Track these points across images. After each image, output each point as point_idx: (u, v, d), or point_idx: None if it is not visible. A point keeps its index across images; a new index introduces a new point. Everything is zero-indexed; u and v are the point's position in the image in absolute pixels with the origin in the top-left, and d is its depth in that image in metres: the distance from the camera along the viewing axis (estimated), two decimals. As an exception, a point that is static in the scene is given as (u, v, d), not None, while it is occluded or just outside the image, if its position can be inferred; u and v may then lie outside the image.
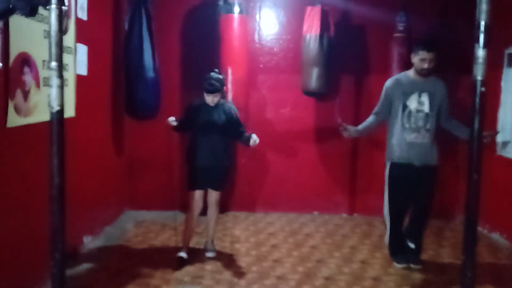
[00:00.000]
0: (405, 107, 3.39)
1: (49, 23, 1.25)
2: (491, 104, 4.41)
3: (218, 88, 3.44)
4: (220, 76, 3.51)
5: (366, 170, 4.89)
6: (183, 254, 3.51)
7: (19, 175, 2.67)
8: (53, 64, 1.25)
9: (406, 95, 3.39)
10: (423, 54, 3.33)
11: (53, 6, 1.23)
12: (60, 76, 1.26)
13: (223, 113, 3.52)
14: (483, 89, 1.33)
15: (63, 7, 1.25)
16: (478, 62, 1.34)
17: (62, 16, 1.25)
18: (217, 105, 3.51)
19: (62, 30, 1.25)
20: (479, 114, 1.34)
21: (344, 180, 4.96)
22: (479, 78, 1.34)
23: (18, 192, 2.65)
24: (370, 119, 3.59)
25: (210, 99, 3.46)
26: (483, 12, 1.34)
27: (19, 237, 2.67)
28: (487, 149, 4.34)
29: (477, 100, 1.34)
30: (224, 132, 3.52)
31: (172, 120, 3.50)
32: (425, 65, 3.34)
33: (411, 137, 3.37)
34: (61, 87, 1.26)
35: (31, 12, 1.43)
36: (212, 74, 3.48)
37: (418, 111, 3.37)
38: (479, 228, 4.57)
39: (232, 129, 3.56)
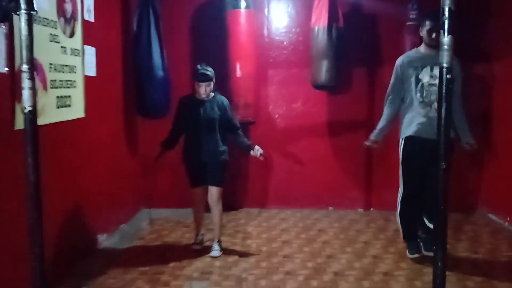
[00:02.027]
0: (417, 81, 3.32)
1: (19, 28, 1.29)
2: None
3: (210, 76, 3.42)
4: (209, 68, 3.48)
5: (382, 163, 4.78)
6: (197, 247, 3.65)
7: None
8: (24, 67, 1.29)
9: (418, 69, 3.33)
10: (429, 24, 3.26)
11: (23, 11, 1.27)
12: (32, 78, 1.29)
13: (216, 106, 3.49)
14: (449, 76, 1.28)
15: (33, 12, 1.27)
16: (443, 49, 1.28)
17: (32, 21, 1.28)
18: (209, 99, 3.49)
19: (32, 34, 1.28)
20: (446, 102, 1.29)
21: (359, 175, 4.88)
22: (445, 65, 1.29)
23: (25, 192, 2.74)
24: (386, 112, 3.51)
25: (203, 89, 3.43)
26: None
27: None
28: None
29: (444, 87, 1.28)
30: (219, 126, 3.49)
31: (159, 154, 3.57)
32: (433, 35, 3.25)
33: (424, 111, 3.31)
34: (33, 88, 1.29)
35: (3, 18, 1.47)
36: (201, 65, 3.47)
37: (430, 84, 3.29)
38: (500, 221, 4.40)
39: (226, 125, 3.53)
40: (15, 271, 2.50)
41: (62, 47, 3.19)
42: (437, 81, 3.27)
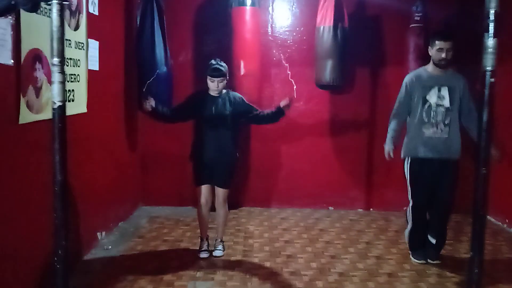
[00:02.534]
0: (425, 101, 3.32)
1: (50, 18, 1.23)
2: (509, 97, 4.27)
3: (223, 72, 3.36)
4: (223, 63, 3.41)
5: (383, 164, 4.75)
6: (204, 255, 3.52)
7: (31, 171, 2.69)
8: (55, 60, 1.24)
9: (426, 89, 3.32)
10: (440, 44, 3.24)
11: (55, 1, 1.21)
12: (62, 72, 1.24)
13: (228, 103, 3.42)
14: (493, 79, 1.26)
15: (65, 2, 1.22)
16: (488, 52, 1.26)
17: (63, 11, 1.23)
18: (221, 96, 3.42)
19: (63, 26, 1.23)
20: (488, 106, 1.27)
21: (360, 175, 4.88)
22: (489, 68, 1.27)
23: (29, 188, 2.66)
24: (393, 125, 3.48)
25: (215, 84, 3.35)
26: (493, 0, 1.27)
27: (28, 233, 2.69)
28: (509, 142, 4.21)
29: (487, 91, 1.27)
30: (231, 124, 3.42)
31: (150, 101, 3.39)
32: (443, 55, 3.25)
33: (430, 131, 3.31)
34: (63, 82, 1.24)
35: (33, 8, 1.41)
36: (215, 60, 3.40)
37: (438, 105, 3.30)
38: (499, 223, 4.45)
39: (248, 116, 3.47)
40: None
41: (66, 39, 3.11)
42: (444, 102, 3.35)
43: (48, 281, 2.62)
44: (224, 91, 3.46)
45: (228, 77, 3.47)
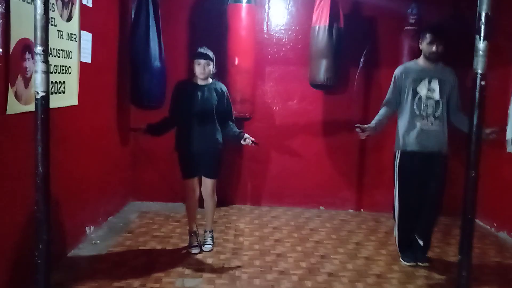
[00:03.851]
0: (415, 93, 3.33)
1: (34, 5, 1.20)
2: (501, 100, 4.28)
3: (210, 56, 3.31)
4: (209, 51, 3.36)
5: (374, 165, 4.79)
6: (195, 250, 3.50)
7: (18, 163, 2.65)
8: (38, 48, 1.20)
9: (416, 81, 3.33)
10: (430, 37, 3.26)
11: (39, -12, 1.18)
12: (46, 61, 1.21)
13: (214, 92, 3.37)
14: (483, 82, 1.25)
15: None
16: (478, 55, 1.25)
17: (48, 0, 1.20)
18: (208, 85, 3.37)
19: (48, 13, 1.19)
20: (479, 109, 1.25)
21: (351, 175, 4.88)
22: (479, 71, 1.25)
23: (16, 180, 2.62)
24: (382, 111, 3.51)
25: (201, 68, 3.29)
26: (485, 3, 1.26)
27: (16, 226, 2.65)
28: (496, 146, 4.22)
29: (477, 94, 1.25)
30: (215, 114, 3.37)
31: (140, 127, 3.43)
32: (433, 48, 3.27)
33: (420, 124, 3.32)
34: (47, 72, 1.21)
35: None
36: (201, 47, 3.36)
37: (428, 98, 3.31)
38: (487, 227, 4.46)
39: (221, 113, 3.41)
40: None
41: (58, 30, 3.07)
42: (434, 95, 3.35)
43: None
44: (210, 80, 3.40)
45: (214, 65, 3.39)
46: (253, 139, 3.37)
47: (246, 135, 3.39)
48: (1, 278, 2.51)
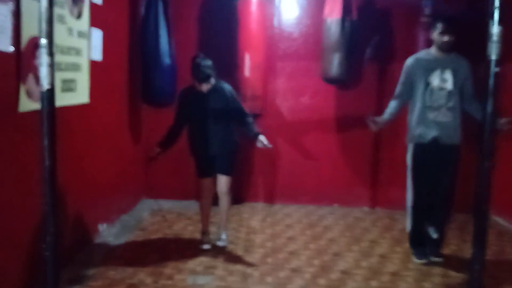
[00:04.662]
0: (427, 84, 3.25)
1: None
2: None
3: (210, 74, 3.25)
4: (208, 61, 3.27)
5: (389, 161, 4.70)
6: (206, 246, 3.50)
7: (32, 160, 2.65)
8: (43, 41, 1.18)
9: (428, 72, 3.25)
10: (441, 26, 3.18)
11: (44, -21, 1.16)
12: (50, 54, 1.19)
13: (220, 96, 3.34)
14: (497, 69, 1.18)
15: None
16: (492, 40, 1.19)
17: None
18: (211, 89, 3.32)
19: (52, 6, 1.18)
20: (493, 96, 1.19)
21: (365, 172, 4.80)
22: (493, 57, 1.19)
23: (30, 177, 2.63)
24: (393, 104, 3.44)
25: (204, 87, 3.28)
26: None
27: (31, 223, 2.66)
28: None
29: (491, 81, 1.19)
30: (225, 116, 3.36)
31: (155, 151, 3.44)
32: (445, 38, 3.19)
33: (433, 115, 3.24)
34: (52, 65, 1.19)
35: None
36: (199, 60, 3.25)
37: (440, 88, 3.23)
38: (505, 224, 4.35)
39: (233, 114, 3.40)
40: None
41: (68, 28, 3.07)
42: (447, 85, 3.27)
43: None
44: (213, 81, 3.35)
45: (214, 69, 3.31)
46: (266, 143, 3.36)
47: (261, 136, 3.37)
48: (18, 274, 2.52)
